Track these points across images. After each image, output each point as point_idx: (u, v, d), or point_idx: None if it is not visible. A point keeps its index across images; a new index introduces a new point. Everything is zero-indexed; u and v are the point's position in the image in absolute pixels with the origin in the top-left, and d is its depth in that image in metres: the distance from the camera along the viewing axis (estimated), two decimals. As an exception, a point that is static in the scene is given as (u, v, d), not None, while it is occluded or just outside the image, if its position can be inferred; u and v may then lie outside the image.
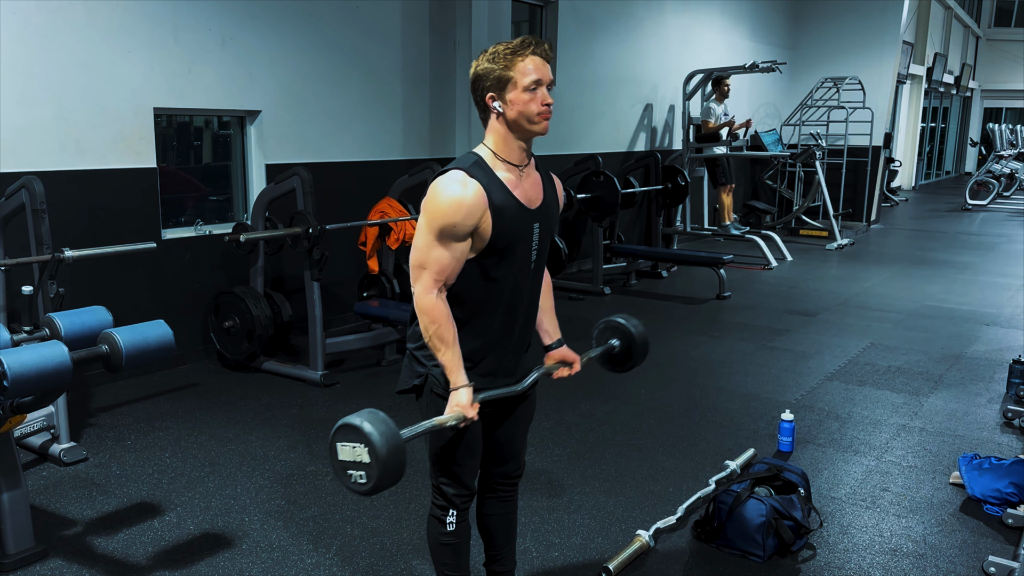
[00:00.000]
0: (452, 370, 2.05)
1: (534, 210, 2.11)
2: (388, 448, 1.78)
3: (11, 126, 4.25)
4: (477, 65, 2.04)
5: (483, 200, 1.99)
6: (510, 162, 2.07)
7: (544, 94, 2.03)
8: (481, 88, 2.04)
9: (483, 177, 2.01)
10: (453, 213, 1.96)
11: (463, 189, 1.97)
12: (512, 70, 2.00)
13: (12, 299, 4.06)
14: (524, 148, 2.09)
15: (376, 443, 1.77)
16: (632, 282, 7.96)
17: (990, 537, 3.15)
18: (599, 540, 3.08)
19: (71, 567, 2.85)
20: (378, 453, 1.77)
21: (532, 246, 2.13)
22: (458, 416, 2.02)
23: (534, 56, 2.01)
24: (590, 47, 8.35)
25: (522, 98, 2.00)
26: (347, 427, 1.82)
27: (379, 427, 1.79)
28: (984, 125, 22.17)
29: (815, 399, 4.68)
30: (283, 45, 5.47)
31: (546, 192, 2.17)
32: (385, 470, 1.78)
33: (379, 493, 1.87)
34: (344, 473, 1.84)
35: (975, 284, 8.10)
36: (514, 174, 2.07)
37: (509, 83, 2.00)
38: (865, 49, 11.99)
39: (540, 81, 2.02)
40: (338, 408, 4.42)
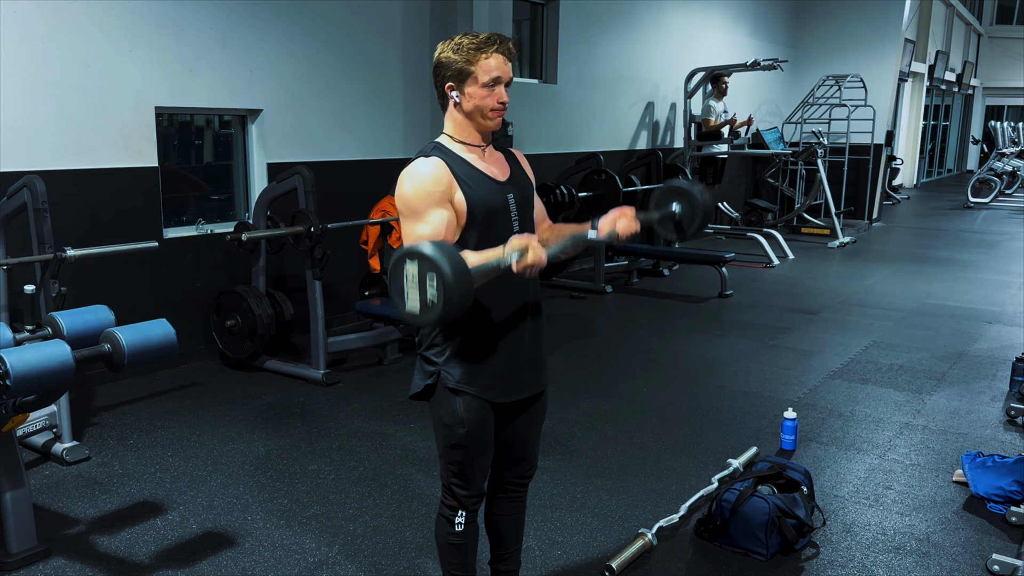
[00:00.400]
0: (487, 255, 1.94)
1: (503, 182, 2.15)
2: (455, 270, 1.74)
3: (13, 125, 4.25)
4: (440, 52, 2.08)
5: (445, 169, 2.04)
6: (470, 143, 2.13)
7: (501, 92, 2.07)
8: (441, 76, 2.08)
9: (443, 156, 2.07)
10: (421, 185, 2.01)
11: (423, 164, 2.04)
12: (474, 65, 2.03)
13: (14, 298, 4.06)
14: (482, 132, 2.14)
15: (443, 269, 1.73)
16: (634, 280, 7.96)
17: (993, 535, 3.15)
18: (602, 539, 3.08)
19: (74, 566, 2.85)
20: (445, 279, 1.73)
21: (512, 216, 2.14)
22: (519, 247, 1.89)
23: (497, 54, 2.05)
24: (591, 45, 8.34)
25: (479, 93, 2.05)
26: (414, 254, 1.78)
27: (446, 250, 1.77)
28: (986, 123, 22.14)
29: (817, 397, 4.68)
30: (284, 44, 5.47)
31: (512, 167, 2.21)
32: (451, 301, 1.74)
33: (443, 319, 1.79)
34: (421, 288, 1.79)
35: (977, 282, 8.09)
36: (476, 153, 2.13)
37: (469, 77, 2.04)
38: (867, 47, 11.98)
39: (499, 79, 2.06)
40: (340, 407, 4.42)
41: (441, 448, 2.21)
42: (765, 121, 11.84)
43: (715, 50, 10.44)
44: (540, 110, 7.72)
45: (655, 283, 7.96)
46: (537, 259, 1.89)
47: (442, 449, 2.21)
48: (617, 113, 8.98)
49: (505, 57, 2.06)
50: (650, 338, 5.89)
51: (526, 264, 1.89)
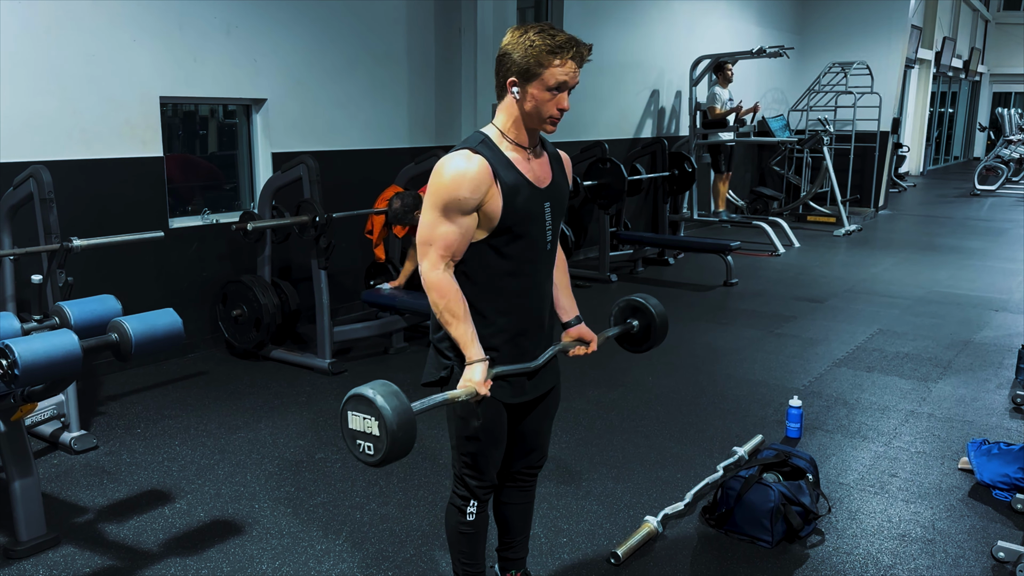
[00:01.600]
0: (466, 344, 2.02)
1: (543, 189, 2.09)
2: (399, 422, 1.76)
3: (18, 116, 4.25)
4: (510, 43, 1.98)
5: (488, 174, 1.97)
6: (519, 143, 2.06)
7: (563, 98, 1.99)
8: (506, 68, 1.99)
9: (489, 154, 2.00)
10: (457, 187, 1.95)
11: (467, 163, 1.96)
12: (543, 68, 1.94)
13: (21, 288, 4.08)
14: (534, 131, 2.08)
15: (387, 416, 1.76)
16: (639, 269, 7.95)
17: (999, 522, 3.15)
18: (607, 526, 3.09)
19: (83, 554, 2.87)
20: (388, 427, 1.76)
21: (546, 226, 2.11)
22: (470, 391, 1.98)
23: (571, 61, 1.96)
24: (596, 32, 8.30)
25: (543, 96, 1.97)
26: (359, 397, 1.81)
27: (391, 400, 1.78)
28: (993, 110, 22.00)
29: (823, 385, 4.67)
30: (289, 33, 5.46)
31: (555, 172, 2.15)
32: (394, 444, 1.77)
33: (386, 465, 1.85)
34: (353, 442, 1.83)
35: (984, 270, 8.06)
36: (522, 154, 2.06)
37: (536, 78, 1.96)
38: (873, 33, 11.90)
39: (566, 84, 1.98)
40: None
41: (455, 439, 2.21)
42: (771, 108, 11.79)
43: (720, 37, 10.38)
44: (545, 98, 7.68)
45: (660, 271, 7.95)
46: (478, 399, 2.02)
47: (456, 440, 2.21)
48: (622, 101, 8.95)
49: (577, 64, 1.97)
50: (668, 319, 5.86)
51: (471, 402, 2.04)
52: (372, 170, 6.04)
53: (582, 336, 2.35)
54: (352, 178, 5.90)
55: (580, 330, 2.36)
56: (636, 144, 9.03)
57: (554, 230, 2.15)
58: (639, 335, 2.54)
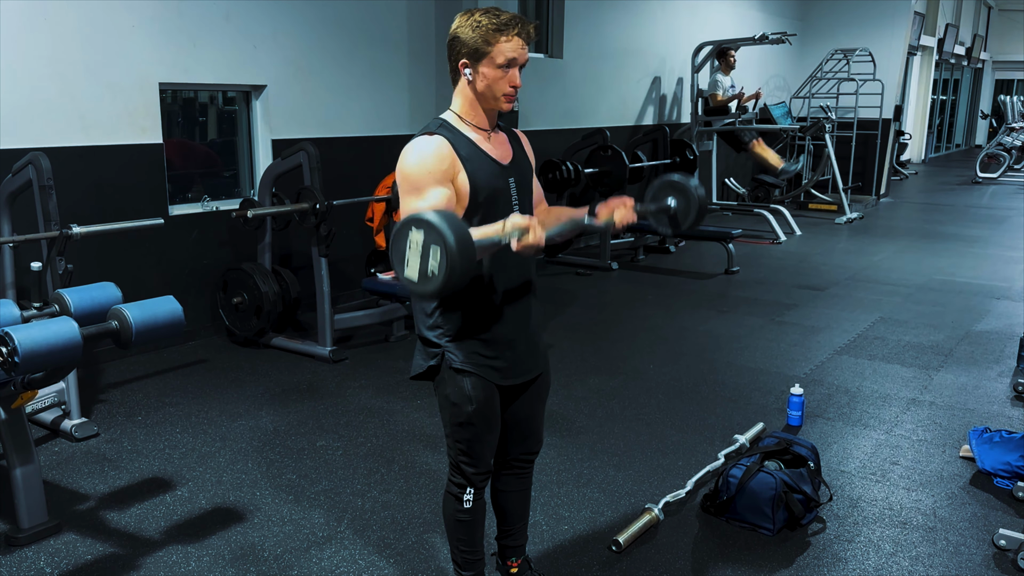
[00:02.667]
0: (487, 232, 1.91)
1: (506, 166, 2.13)
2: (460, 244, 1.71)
3: (16, 102, 4.23)
4: (458, 27, 2.04)
5: (449, 149, 2.01)
6: (476, 124, 2.10)
7: (515, 75, 2.04)
8: (456, 51, 2.05)
9: (449, 135, 2.04)
10: (423, 162, 1.98)
11: (427, 142, 2.01)
12: (491, 46, 2.00)
13: (21, 276, 4.07)
14: (491, 113, 2.11)
15: (448, 240, 1.70)
16: (640, 257, 7.93)
17: (1000, 510, 3.15)
18: (609, 514, 3.09)
19: (84, 541, 2.88)
20: (450, 251, 1.70)
21: (512, 201, 2.13)
22: (520, 227, 1.88)
23: (517, 37, 2.01)
24: (597, 19, 8.26)
25: (494, 74, 2.02)
26: (421, 221, 1.75)
27: (453, 223, 1.73)
28: (995, 97, 21.91)
29: (824, 373, 4.67)
30: (288, 19, 5.42)
31: (514, 149, 2.19)
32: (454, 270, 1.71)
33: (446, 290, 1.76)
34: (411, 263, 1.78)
35: (985, 258, 8.04)
36: (481, 135, 2.11)
37: (485, 57, 2.01)
38: (876, 20, 11.83)
39: (515, 61, 2.02)
40: (347, 384, 4.43)
41: (449, 427, 2.21)
42: (773, 95, 11.74)
43: (723, 23, 10.33)
44: (546, 85, 7.66)
45: (661, 259, 7.94)
46: (537, 240, 1.88)
47: (450, 427, 2.21)
48: (623, 88, 8.91)
49: (524, 40, 2.02)
50: (656, 315, 5.88)
51: (526, 244, 1.88)
52: (373, 157, 6.02)
53: (613, 205, 2.14)
54: (353, 165, 5.88)
55: (610, 202, 2.15)
56: (638, 131, 9.00)
57: (521, 205, 2.15)
58: (676, 213, 2.33)
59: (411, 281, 1.80)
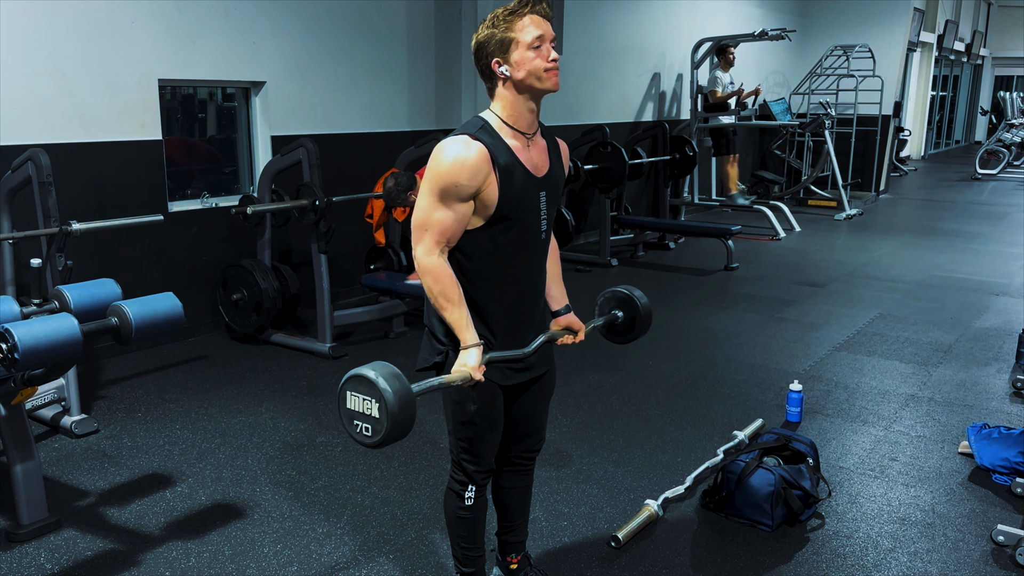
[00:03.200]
0: (461, 329, 2.02)
1: (540, 178, 2.09)
2: (400, 403, 1.75)
3: (16, 99, 4.23)
4: (478, 35, 2.03)
5: (487, 161, 1.96)
6: (518, 129, 2.05)
7: (548, 49, 2.01)
8: (485, 55, 2.01)
9: (488, 140, 1.99)
10: (456, 173, 1.94)
11: (466, 149, 1.95)
12: (513, 31, 1.98)
13: (21, 272, 4.07)
14: (534, 111, 2.06)
15: (387, 397, 1.74)
16: (639, 254, 7.94)
17: (999, 506, 3.16)
18: (608, 510, 3.10)
19: (84, 537, 2.88)
20: (389, 407, 1.74)
21: (541, 215, 2.11)
22: (464, 376, 1.97)
23: (532, 14, 1.99)
24: (597, 15, 8.25)
25: (527, 56, 1.98)
26: (359, 378, 1.78)
27: (391, 382, 1.76)
28: (995, 93, 21.90)
29: (823, 370, 4.68)
30: (287, 15, 5.42)
31: (552, 160, 2.15)
32: (395, 425, 1.75)
33: (383, 447, 1.82)
34: (351, 423, 1.82)
35: (984, 254, 8.05)
36: (521, 141, 2.06)
37: (512, 44, 1.98)
38: (875, 16, 11.83)
39: (543, 37, 2.00)
40: (347, 380, 4.43)
41: (451, 424, 2.21)
42: (772, 92, 11.73)
43: (722, 20, 10.32)
44: (545, 81, 7.64)
45: (661, 256, 7.94)
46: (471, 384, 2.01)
47: (452, 425, 2.21)
48: (623, 84, 8.90)
49: (542, 16, 2.01)
50: (656, 311, 5.84)
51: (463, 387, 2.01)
52: (372, 153, 6.02)
53: (571, 325, 2.35)
54: (352, 162, 5.88)
55: (569, 319, 2.36)
56: (637, 128, 8.99)
57: (549, 219, 2.15)
58: (623, 327, 2.54)
59: (369, 439, 1.81)
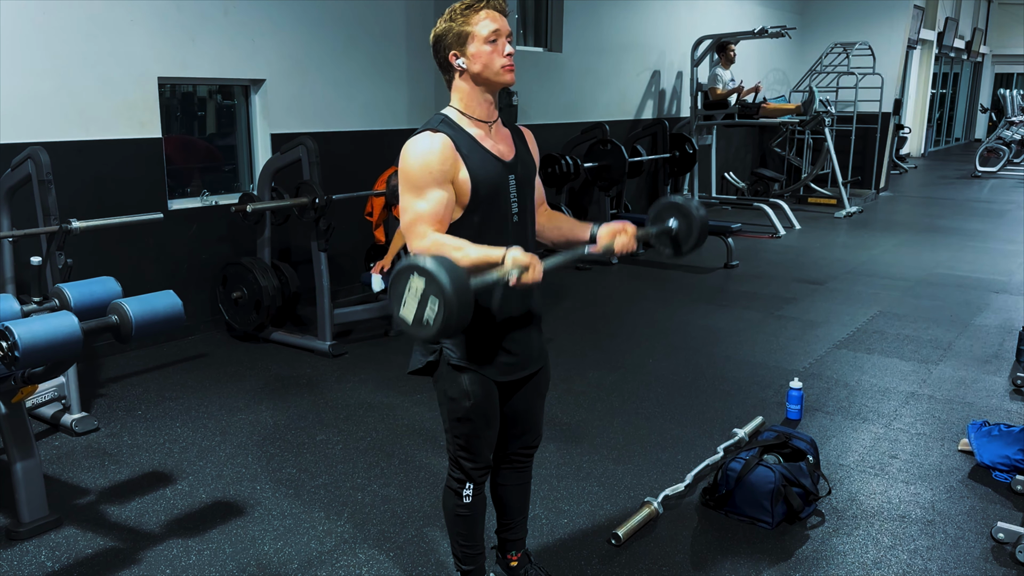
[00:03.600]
0: (487, 254, 1.95)
1: (508, 162, 2.11)
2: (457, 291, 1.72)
3: (15, 97, 4.22)
4: (436, 28, 2.06)
5: (452, 148, 2.01)
6: (477, 118, 2.09)
7: (504, 44, 2.04)
8: (443, 47, 2.05)
9: (451, 132, 2.04)
10: (426, 162, 1.98)
11: (431, 141, 2.00)
12: (470, 24, 2.01)
13: (20, 270, 4.07)
14: (491, 102, 2.10)
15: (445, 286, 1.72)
16: (640, 251, 7.93)
17: (999, 504, 3.16)
18: (608, 507, 3.10)
19: (85, 535, 2.88)
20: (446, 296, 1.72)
21: (511, 198, 2.12)
22: (521, 263, 1.90)
23: (489, 9, 2.02)
24: (596, 13, 8.24)
25: (484, 50, 2.02)
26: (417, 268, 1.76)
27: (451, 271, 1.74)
28: (995, 91, 21.89)
29: (823, 367, 4.68)
30: (286, 13, 5.41)
31: (517, 146, 2.18)
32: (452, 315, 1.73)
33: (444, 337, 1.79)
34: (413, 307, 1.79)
35: (984, 251, 8.05)
36: (483, 129, 2.10)
37: (469, 37, 2.02)
38: (875, 14, 11.82)
39: (499, 31, 2.03)
40: (347, 378, 4.44)
41: (447, 422, 2.21)
42: (772, 89, 11.73)
43: (722, 17, 10.31)
44: (545, 79, 7.65)
45: (661, 253, 7.92)
46: (535, 277, 1.92)
47: (448, 423, 2.21)
48: (623, 82, 8.90)
49: (497, 11, 2.04)
50: (656, 309, 5.88)
51: (525, 281, 1.91)
52: (372, 152, 6.01)
53: (614, 231, 2.16)
54: (352, 159, 5.88)
55: (610, 226, 2.17)
56: (637, 125, 8.99)
57: (520, 203, 2.15)
58: (680, 234, 2.36)
59: (405, 322, 1.81)
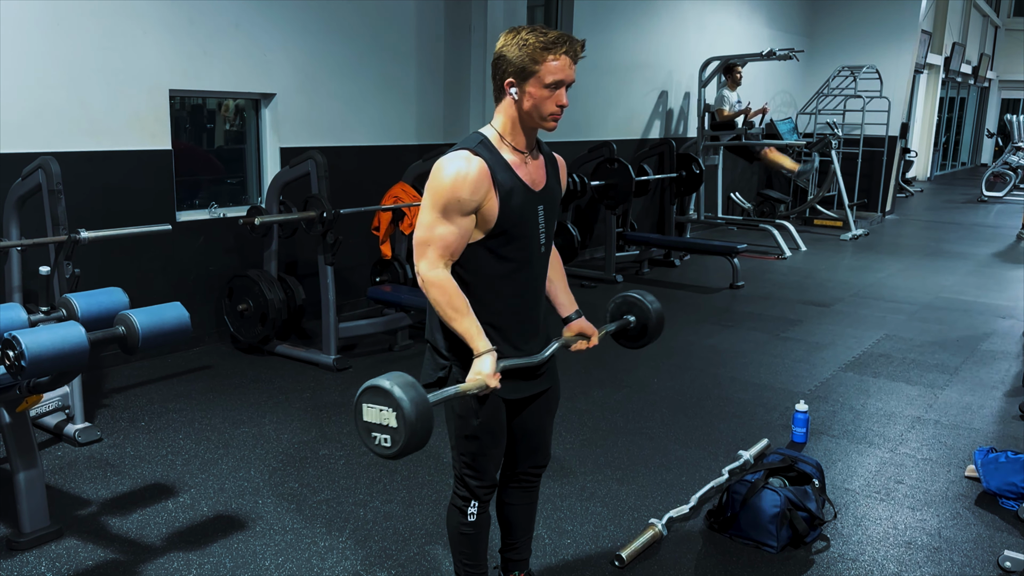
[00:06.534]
0: (472, 337, 2.01)
1: (538, 192, 2.11)
2: (417, 412, 1.74)
3: (28, 107, 4.25)
4: (504, 45, 2.00)
5: (487, 176, 1.99)
6: (515, 146, 2.08)
7: (561, 95, 2.01)
8: (502, 70, 2.01)
9: (488, 156, 2.01)
10: (458, 188, 1.96)
11: (467, 164, 1.98)
12: (539, 64, 1.96)
13: (29, 279, 4.07)
14: (532, 134, 2.09)
15: (405, 407, 1.73)
16: (644, 270, 7.93)
17: (1006, 531, 3.13)
18: (612, 528, 3.08)
19: (86, 547, 2.87)
20: (406, 417, 1.73)
21: (540, 228, 2.12)
22: (480, 384, 1.97)
23: (565, 56, 1.98)
24: (605, 33, 8.29)
25: (541, 94, 1.99)
26: (375, 389, 1.78)
27: (408, 392, 1.76)
28: (1001, 116, 21.93)
29: (829, 390, 4.66)
30: (298, 28, 5.45)
31: (549, 175, 2.17)
32: (412, 435, 1.75)
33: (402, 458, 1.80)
34: (368, 435, 1.81)
35: (991, 276, 8.03)
36: (519, 157, 2.08)
37: (532, 76, 1.97)
38: (883, 37, 11.87)
39: (562, 82, 1.99)
40: (351, 392, 4.43)
41: (454, 439, 2.20)
42: (779, 111, 11.76)
43: (730, 39, 10.36)
44: (553, 97, 7.66)
45: (666, 273, 7.94)
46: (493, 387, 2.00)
47: (455, 440, 2.20)
48: (630, 101, 8.93)
49: (571, 59, 1.99)
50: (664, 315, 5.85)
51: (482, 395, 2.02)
52: (380, 167, 6.03)
53: (583, 330, 2.34)
54: (360, 174, 5.90)
55: (581, 324, 2.35)
56: (644, 145, 9.01)
57: (547, 232, 2.16)
58: (635, 331, 2.53)
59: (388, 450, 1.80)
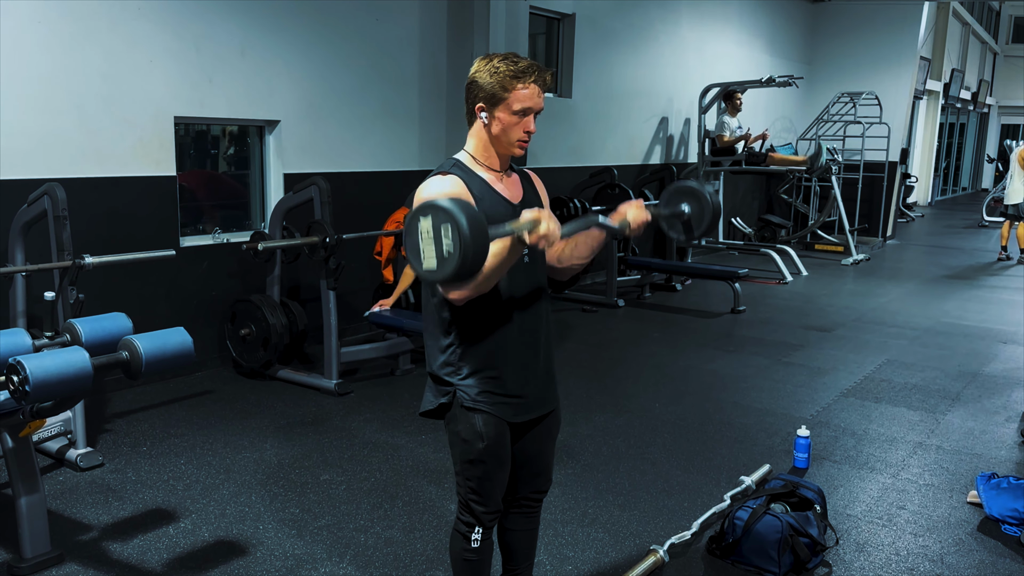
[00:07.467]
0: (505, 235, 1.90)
1: (516, 204, 2.15)
2: (473, 227, 1.71)
3: (34, 133, 4.30)
4: (477, 71, 2.07)
5: (464, 188, 2.05)
6: (490, 166, 2.14)
7: (529, 122, 2.07)
8: (473, 95, 2.09)
9: (462, 175, 2.09)
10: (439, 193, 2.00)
11: (443, 180, 2.06)
12: (508, 92, 2.03)
13: (33, 305, 4.10)
14: (504, 157, 2.15)
15: (462, 222, 1.70)
16: (646, 295, 7.95)
17: (1008, 558, 3.12)
18: (613, 554, 3.07)
19: (87, 572, 2.87)
20: (462, 232, 1.70)
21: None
22: (533, 218, 1.87)
23: (534, 84, 2.05)
24: (606, 60, 8.37)
25: (509, 120, 2.06)
26: (433, 206, 1.75)
27: (467, 208, 1.74)
28: (1001, 141, 22.04)
29: (831, 415, 4.65)
30: (302, 56, 5.52)
31: (526, 189, 2.22)
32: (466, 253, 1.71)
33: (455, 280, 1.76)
34: (421, 253, 1.78)
35: (992, 301, 8.04)
36: (494, 175, 2.15)
37: (501, 103, 2.05)
38: (882, 64, 11.97)
39: (531, 109, 2.06)
40: (352, 417, 4.43)
41: (459, 464, 2.20)
42: (779, 137, 11.83)
43: (730, 66, 10.45)
44: (555, 124, 7.74)
45: (667, 298, 7.95)
46: (549, 232, 1.87)
47: (459, 465, 2.20)
48: (631, 127, 9.00)
49: (540, 88, 2.06)
50: (662, 353, 5.87)
51: (539, 235, 1.87)
52: (382, 192, 6.07)
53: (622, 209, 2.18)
54: (363, 200, 5.94)
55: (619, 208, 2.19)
56: (645, 170, 9.07)
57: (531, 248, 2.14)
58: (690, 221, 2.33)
59: (431, 271, 1.80)
